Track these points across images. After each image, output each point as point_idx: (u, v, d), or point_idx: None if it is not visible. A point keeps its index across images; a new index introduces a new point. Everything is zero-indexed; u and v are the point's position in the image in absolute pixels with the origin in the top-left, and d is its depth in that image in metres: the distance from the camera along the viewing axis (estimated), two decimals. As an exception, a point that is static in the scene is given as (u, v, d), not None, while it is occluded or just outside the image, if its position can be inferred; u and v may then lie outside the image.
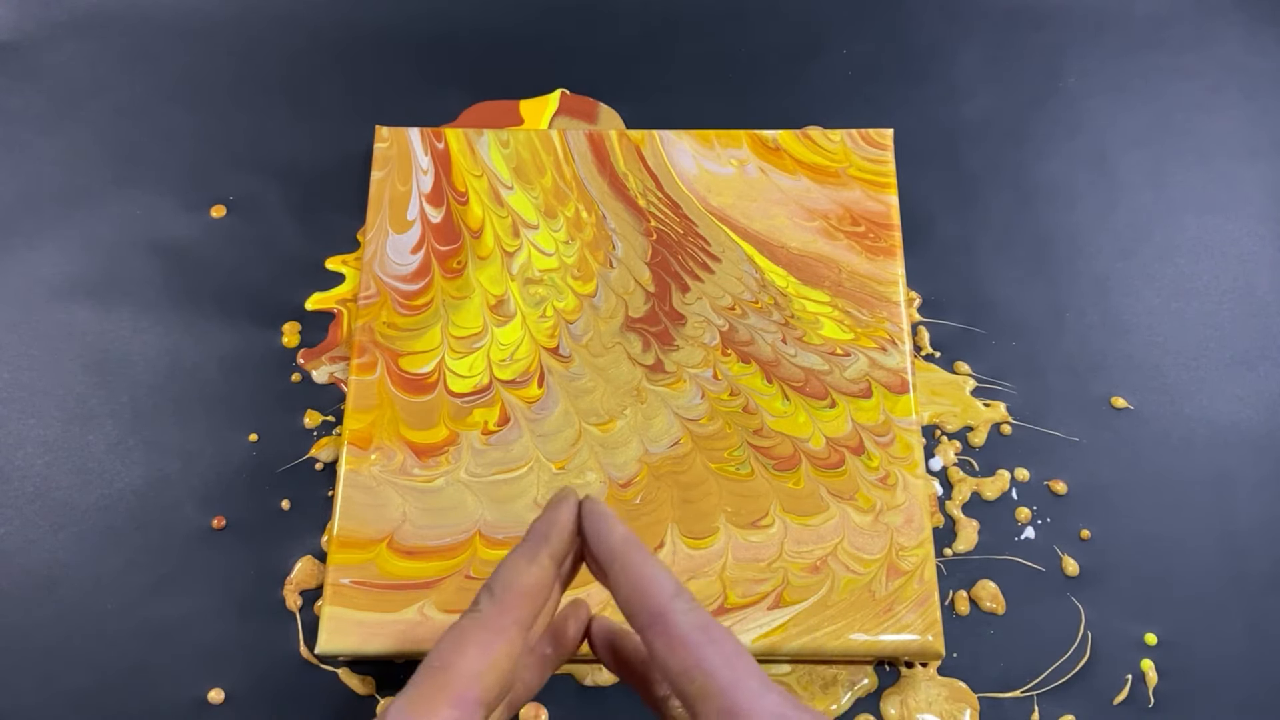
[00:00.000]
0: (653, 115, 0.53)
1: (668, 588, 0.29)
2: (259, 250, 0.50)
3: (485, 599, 0.30)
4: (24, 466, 0.45)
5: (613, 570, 0.30)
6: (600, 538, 0.31)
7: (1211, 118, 0.53)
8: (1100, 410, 0.47)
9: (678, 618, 0.28)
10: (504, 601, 0.30)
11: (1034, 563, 0.44)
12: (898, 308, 0.47)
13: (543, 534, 0.31)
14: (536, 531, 0.31)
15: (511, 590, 0.30)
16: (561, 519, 0.31)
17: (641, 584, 0.29)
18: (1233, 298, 0.49)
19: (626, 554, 0.30)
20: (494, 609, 0.30)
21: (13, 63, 0.54)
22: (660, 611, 0.28)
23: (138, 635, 0.42)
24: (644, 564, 0.30)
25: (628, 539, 0.31)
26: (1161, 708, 0.42)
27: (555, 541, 0.31)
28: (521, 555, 0.31)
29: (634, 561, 0.30)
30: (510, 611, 0.30)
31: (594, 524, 0.31)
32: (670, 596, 0.29)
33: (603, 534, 0.31)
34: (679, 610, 0.28)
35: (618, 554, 0.30)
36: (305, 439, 0.46)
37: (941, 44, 0.55)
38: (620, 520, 0.32)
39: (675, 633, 0.28)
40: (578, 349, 0.46)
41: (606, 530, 0.31)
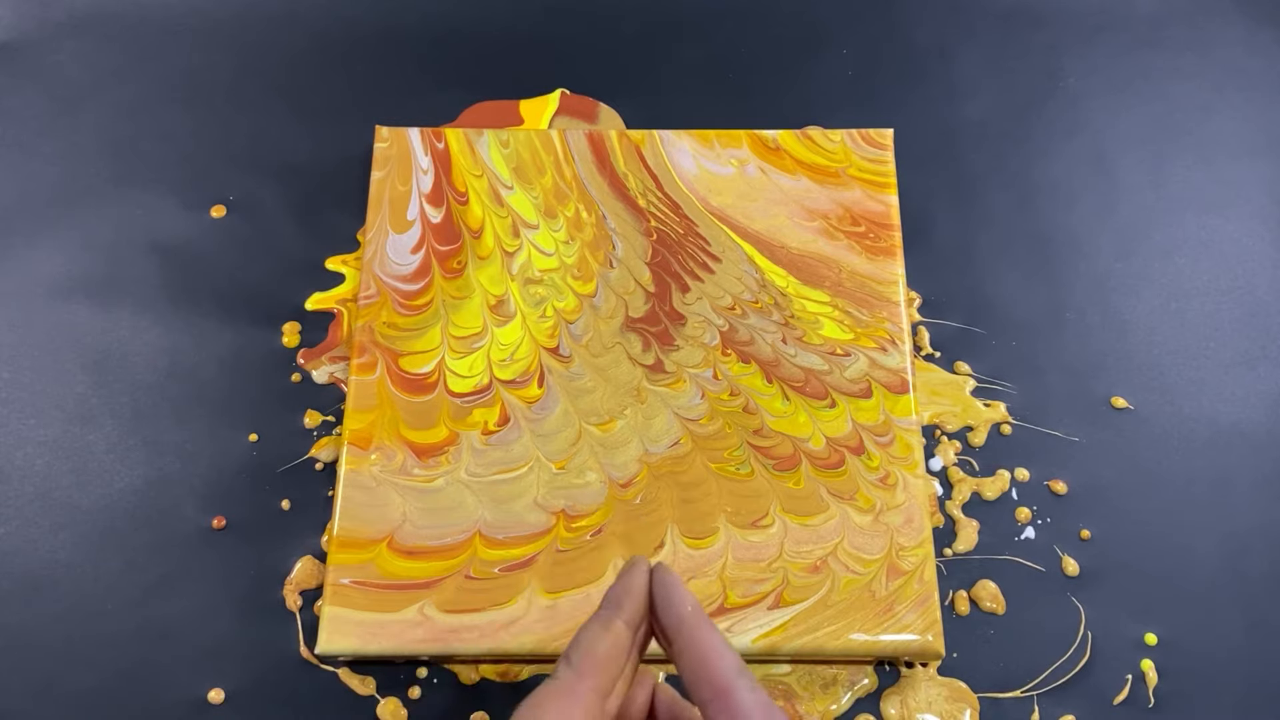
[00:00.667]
0: (653, 115, 0.53)
1: (732, 664, 0.29)
2: (259, 250, 0.50)
3: (563, 667, 0.30)
4: (24, 466, 0.45)
5: (679, 640, 0.30)
6: (670, 606, 0.31)
7: (1211, 118, 0.53)
8: (1100, 410, 0.47)
9: (742, 695, 0.29)
10: (581, 668, 0.30)
11: (1034, 563, 0.44)
12: (898, 308, 0.47)
13: (617, 601, 0.31)
14: (611, 598, 0.32)
15: (588, 657, 0.30)
16: (635, 585, 0.32)
17: (708, 657, 0.30)
18: (1233, 298, 0.49)
19: (695, 625, 0.30)
20: (572, 675, 0.30)
21: (13, 63, 0.54)
22: (725, 688, 0.29)
23: (138, 635, 0.42)
24: (710, 637, 0.30)
25: (697, 610, 0.31)
26: (1161, 708, 0.42)
27: (630, 608, 0.31)
28: (597, 622, 0.31)
29: (701, 634, 0.30)
30: (587, 678, 0.30)
31: (664, 592, 0.31)
32: (735, 674, 0.29)
33: (673, 602, 0.31)
34: (743, 688, 0.29)
35: (686, 624, 0.30)
36: (305, 439, 0.46)
37: (941, 44, 0.55)
38: (689, 591, 0.32)
39: (739, 710, 0.28)
40: (578, 349, 0.46)
41: (678, 599, 0.31)
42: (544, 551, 0.42)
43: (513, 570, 0.42)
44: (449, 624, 0.41)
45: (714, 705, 0.29)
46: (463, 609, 0.41)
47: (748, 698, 0.29)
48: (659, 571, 0.32)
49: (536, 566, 0.42)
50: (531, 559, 0.42)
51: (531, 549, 0.42)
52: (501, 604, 0.41)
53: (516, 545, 0.42)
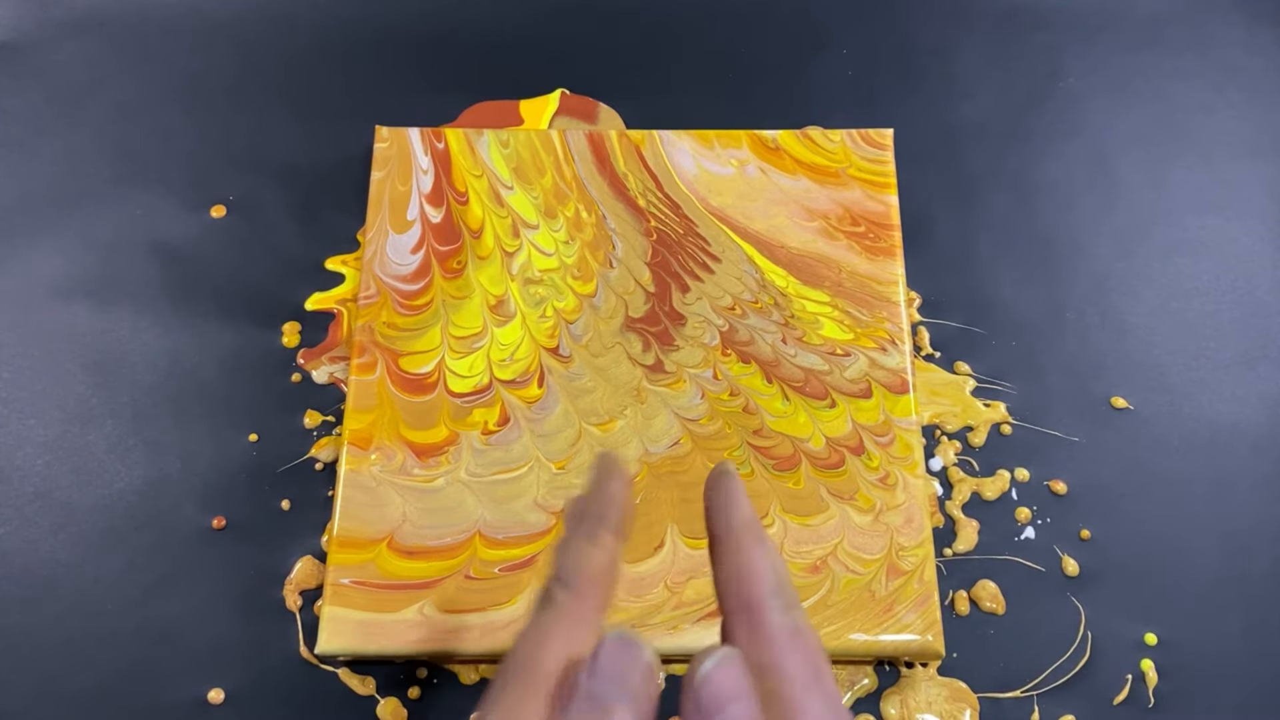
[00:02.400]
0: (653, 115, 0.53)
1: (769, 583, 0.28)
2: (259, 250, 0.50)
3: (559, 590, 0.28)
4: (24, 466, 0.45)
5: (722, 549, 0.29)
6: (720, 512, 0.30)
7: (1211, 118, 0.53)
8: (1100, 410, 0.47)
9: (770, 615, 0.27)
10: (579, 589, 0.28)
11: (1034, 563, 0.44)
12: (898, 308, 0.47)
13: (599, 513, 0.29)
14: (591, 511, 0.29)
15: (583, 575, 0.28)
16: (615, 493, 0.30)
17: (745, 571, 0.28)
18: (1233, 298, 0.49)
19: (741, 537, 0.29)
20: (571, 598, 0.28)
21: (13, 63, 0.54)
22: (754, 604, 0.27)
23: (138, 635, 0.42)
24: (753, 551, 0.28)
25: (748, 523, 0.29)
26: (1161, 708, 0.42)
27: (614, 518, 0.29)
28: (583, 538, 0.29)
29: (745, 546, 0.28)
30: (588, 598, 0.28)
31: (718, 499, 0.30)
32: (769, 592, 0.27)
33: (724, 510, 0.29)
34: (773, 609, 0.27)
35: (734, 533, 0.29)
36: (305, 439, 0.46)
37: (941, 44, 0.55)
38: (747, 499, 0.30)
39: (761, 629, 0.27)
40: (578, 349, 0.46)
41: (733, 508, 0.29)
42: (544, 551, 0.42)
43: (513, 570, 0.42)
44: (449, 624, 0.41)
45: (737, 618, 0.27)
46: (462, 609, 0.41)
47: (775, 619, 0.27)
48: (721, 474, 0.30)
49: (536, 566, 0.42)
50: (531, 559, 0.42)
51: (531, 549, 0.42)
52: (501, 604, 0.41)
53: (516, 545, 0.42)
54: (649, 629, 0.41)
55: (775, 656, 0.26)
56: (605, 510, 0.29)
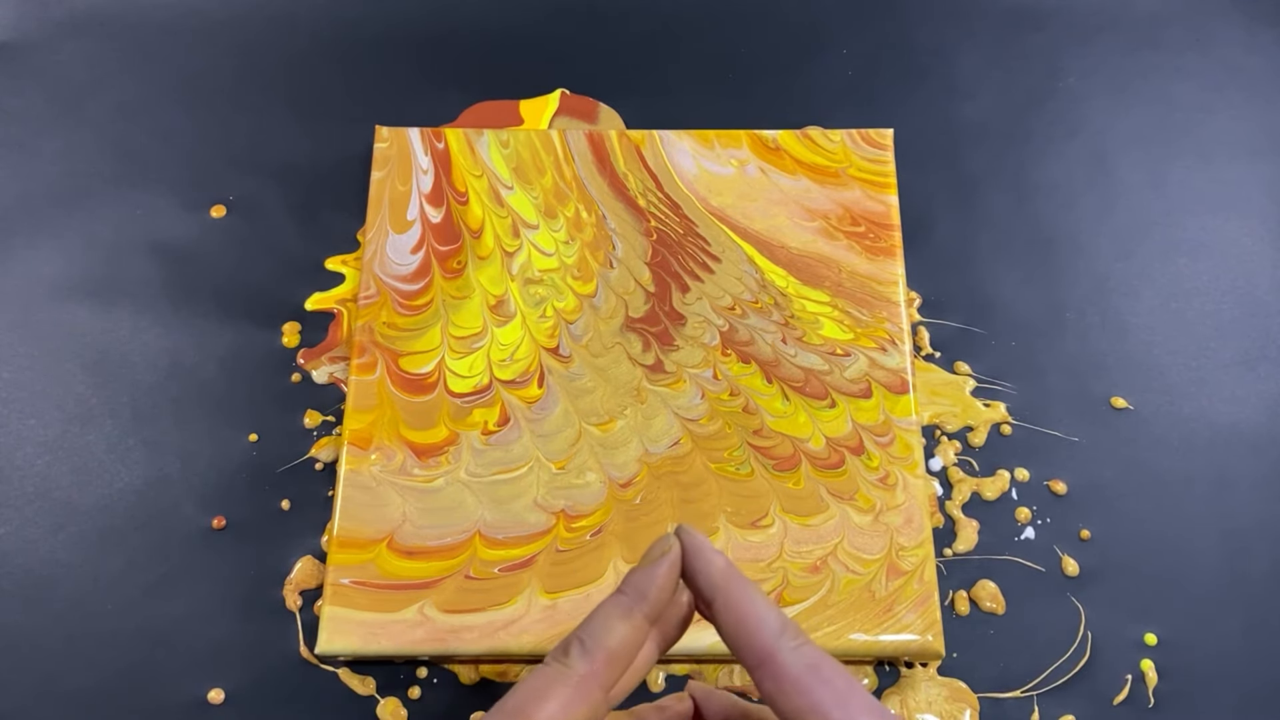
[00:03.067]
0: (653, 115, 0.53)
1: (773, 625, 0.28)
2: (259, 250, 0.50)
3: (577, 652, 0.28)
4: (24, 466, 0.45)
5: (715, 606, 0.29)
6: (699, 573, 0.30)
7: (1211, 118, 0.53)
8: (1100, 410, 0.47)
9: (786, 656, 0.27)
10: (595, 659, 0.28)
11: (1034, 563, 0.44)
12: (898, 308, 0.47)
13: (642, 591, 0.30)
14: (636, 585, 0.30)
15: (603, 648, 0.29)
16: (661, 576, 0.30)
17: (745, 622, 0.28)
18: (1233, 298, 0.49)
19: (728, 589, 0.29)
20: (584, 666, 0.28)
21: (13, 63, 0.54)
22: (768, 652, 0.28)
23: (138, 635, 0.42)
24: (746, 600, 0.29)
25: (727, 572, 0.29)
26: (1161, 708, 0.42)
27: (654, 600, 0.30)
28: (617, 609, 0.29)
29: (735, 597, 0.29)
30: (600, 673, 0.28)
31: (691, 560, 0.30)
32: (776, 635, 0.28)
33: (700, 569, 0.30)
34: (785, 649, 0.28)
35: (719, 589, 0.29)
36: (305, 439, 0.46)
37: (941, 44, 0.55)
38: (719, 551, 0.30)
39: (785, 674, 0.27)
40: (578, 349, 0.46)
41: (705, 564, 0.30)
42: (544, 552, 0.42)
43: (513, 570, 0.42)
44: (449, 624, 0.41)
45: (760, 672, 0.28)
46: (463, 609, 0.41)
47: (791, 658, 0.27)
48: (686, 536, 0.30)
49: (536, 567, 0.42)
50: (531, 559, 0.42)
51: (531, 549, 0.42)
52: (501, 604, 0.41)
53: (516, 545, 0.42)
54: (649, 629, 0.41)
55: (806, 699, 0.27)
56: (648, 589, 0.29)
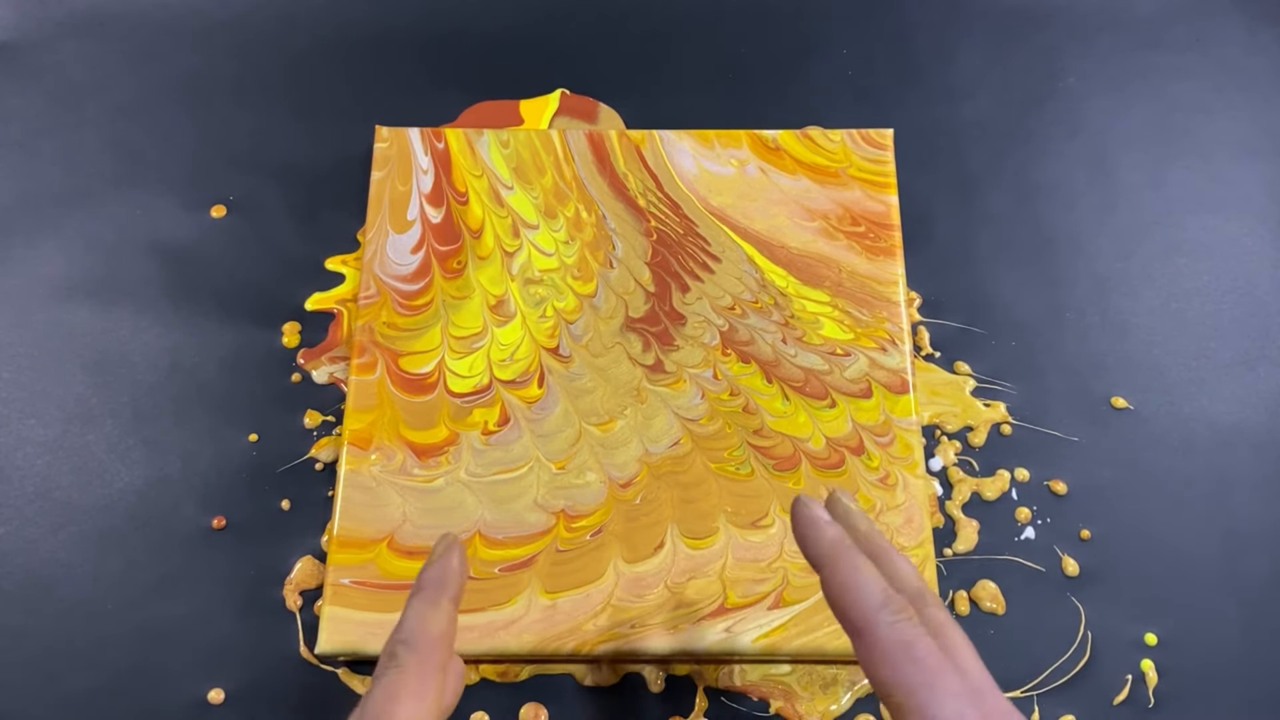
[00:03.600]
0: (653, 115, 0.53)
1: (873, 598, 0.29)
2: (259, 250, 0.50)
3: (403, 651, 0.31)
4: (24, 466, 0.45)
5: (822, 575, 0.30)
6: (808, 543, 0.31)
7: (1211, 118, 0.53)
8: (1100, 410, 0.47)
9: (881, 631, 0.28)
10: (422, 650, 0.31)
11: (1034, 563, 0.44)
12: (898, 308, 0.47)
13: (440, 581, 0.32)
14: (432, 579, 0.33)
15: (426, 638, 0.31)
16: (454, 565, 0.33)
17: (847, 593, 0.29)
18: (1233, 298, 0.49)
19: (835, 560, 0.30)
20: (415, 659, 0.30)
21: (13, 63, 0.54)
22: (865, 623, 0.29)
23: (138, 635, 0.42)
24: (850, 571, 0.30)
25: (835, 544, 0.31)
26: (1161, 708, 0.42)
27: (454, 586, 0.33)
28: (426, 603, 0.32)
29: (841, 568, 0.30)
30: (430, 658, 0.31)
31: (802, 530, 0.32)
32: (875, 609, 0.29)
33: (810, 540, 0.31)
34: (882, 624, 0.28)
35: (825, 560, 0.30)
36: (305, 439, 0.46)
37: (941, 44, 0.55)
38: (830, 522, 0.31)
39: (877, 647, 0.28)
40: (578, 349, 0.46)
41: (815, 537, 0.31)
42: (544, 551, 0.42)
43: (513, 570, 0.42)
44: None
45: (857, 640, 0.29)
46: (463, 609, 0.41)
47: (885, 634, 0.28)
48: (799, 505, 0.32)
49: (536, 566, 0.42)
50: (531, 559, 0.42)
51: (531, 549, 0.42)
52: (501, 604, 0.41)
53: (516, 545, 0.42)
54: (649, 629, 0.41)
55: (894, 674, 0.28)
56: (446, 579, 0.33)
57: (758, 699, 0.42)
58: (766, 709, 0.42)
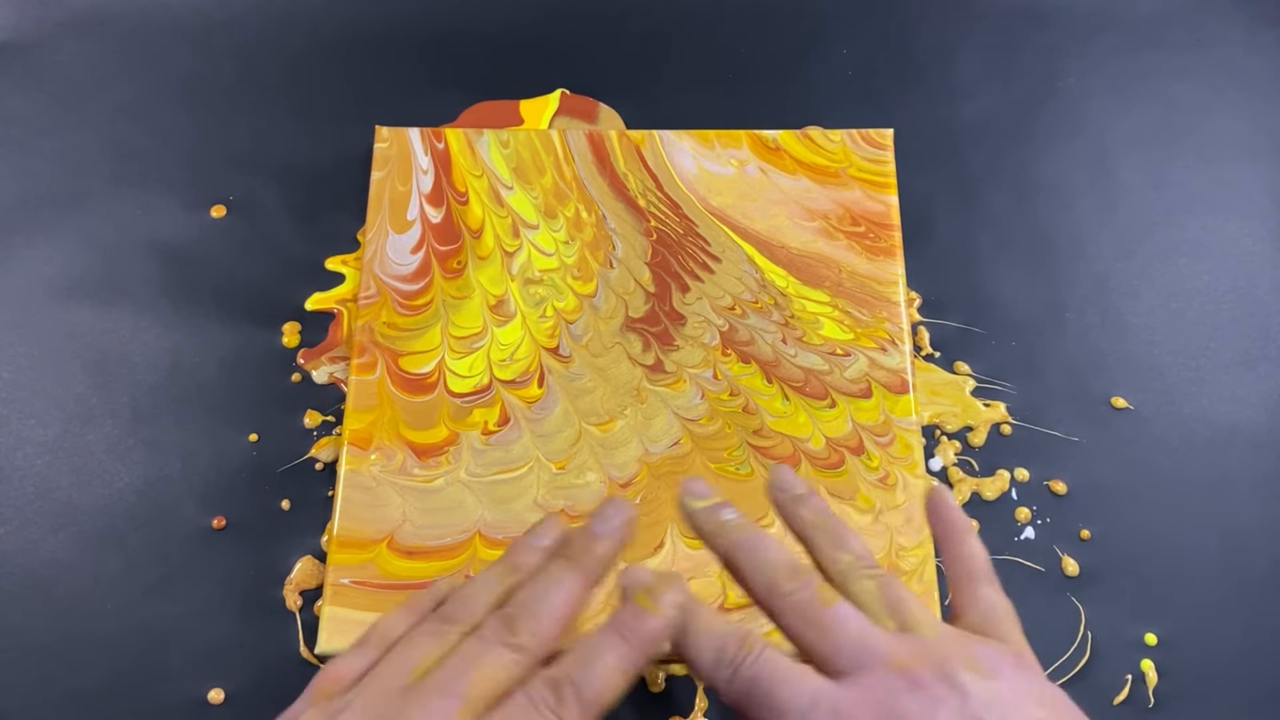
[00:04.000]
0: (653, 115, 0.53)
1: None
2: (259, 250, 0.50)
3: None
4: (24, 466, 0.45)
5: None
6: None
7: (1211, 118, 0.53)
8: (1100, 410, 0.47)
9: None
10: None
11: (1034, 563, 0.44)
12: (898, 308, 0.47)
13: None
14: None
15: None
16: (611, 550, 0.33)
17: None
18: (1233, 298, 0.49)
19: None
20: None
21: (13, 63, 0.54)
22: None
23: (138, 635, 0.42)
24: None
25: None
26: (1161, 708, 0.42)
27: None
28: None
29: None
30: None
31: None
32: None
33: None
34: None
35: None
36: (305, 439, 0.46)
37: (941, 44, 0.55)
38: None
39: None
40: (578, 349, 0.46)
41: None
42: (544, 551, 0.42)
43: (513, 570, 0.42)
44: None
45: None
46: (463, 609, 0.41)
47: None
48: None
49: (536, 566, 0.42)
50: (531, 559, 0.42)
51: (531, 549, 0.42)
52: (501, 604, 0.41)
53: (516, 545, 0.42)
54: (649, 629, 0.41)
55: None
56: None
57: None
58: (766, 709, 0.42)
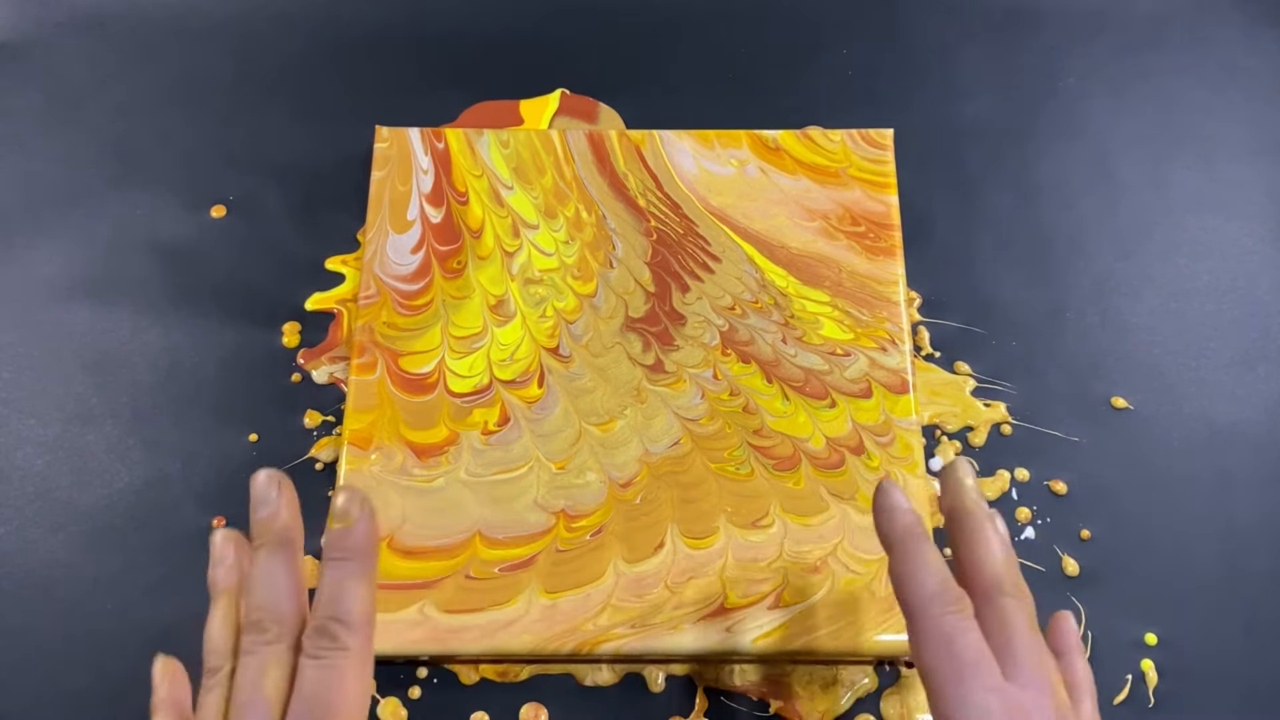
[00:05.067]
0: (653, 115, 0.53)
1: (928, 587, 0.31)
2: (259, 250, 0.50)
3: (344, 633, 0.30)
4: (24, 466, 0.45)
5: (891, 557, 0.33)
6: (882, 528, 0.34)
7: (1211, 118, 0.53)
8: (1100, 410, 0.47)
9: (926, 622, 0.30)
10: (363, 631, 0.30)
11: (1034, 563, 0.44)
12: (898, 308, 0.47)
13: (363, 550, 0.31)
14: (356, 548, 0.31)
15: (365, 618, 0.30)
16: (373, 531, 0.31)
17: (907, 579, 0.31)
18: (1233, 298, 0.49)
19: (904, 545, 0.32)
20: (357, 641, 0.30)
21: (13, 63, 0.54)
22: (916, 610, 0.31)
23: (138, 635, 0.42)
24: (915, 557, 0.32)
25: (907, 530, 0.33)
26: (1161, 708, 0.42)
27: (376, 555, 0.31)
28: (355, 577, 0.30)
29: (907, 553, 0.32)
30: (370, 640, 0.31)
31: (879, 515, 0.34)
32: (927, 600, 0.31)
33: (884, 525, 0.34)
34: (931, 615, 0.30)
35: (895, 544, 0.33)
36: (305, 439, 0.46)
37: (941, 44, 0.55)
38: (907, 510, 0.33)
39: (921, 636, 0.30)
40: (578, 349, 0.46)
41: (888, 522, 0.33)
42: (544, 551, 0.42)
43: (513, 570, 0.42)
44: (449, 624, 0.41)
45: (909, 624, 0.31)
46: (463, 609, 0.41)
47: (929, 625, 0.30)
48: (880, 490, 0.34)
49: (536, 566, 0.42)
50: (531, 559, 0.42)
51: (531, 549, 0.42)
52: (501, 604, 0.41)
53: (516, 545, 0.42)
54: (649, 629, 0.41)
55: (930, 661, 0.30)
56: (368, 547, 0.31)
57: (758, 699, 0.42)
58: (766, 709, 0.42)
